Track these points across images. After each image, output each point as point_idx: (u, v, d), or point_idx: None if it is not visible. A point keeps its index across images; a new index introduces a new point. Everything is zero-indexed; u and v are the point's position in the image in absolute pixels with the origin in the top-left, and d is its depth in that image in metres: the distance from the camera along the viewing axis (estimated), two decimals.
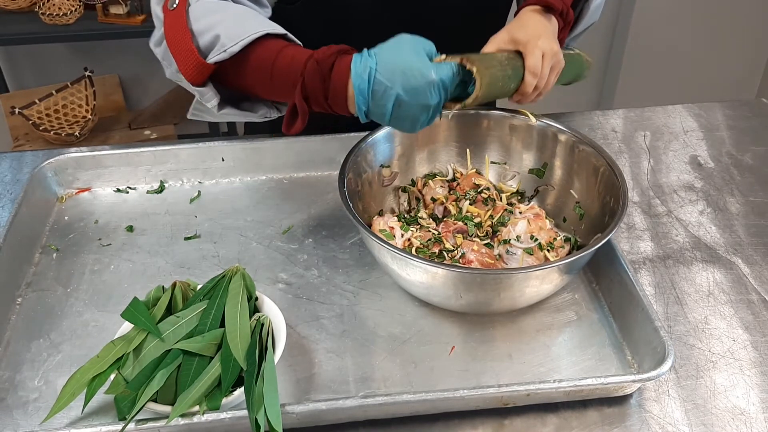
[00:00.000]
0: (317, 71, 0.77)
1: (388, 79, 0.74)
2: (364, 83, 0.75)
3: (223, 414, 0.68)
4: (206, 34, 0.84)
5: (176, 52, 0.85)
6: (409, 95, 0.74)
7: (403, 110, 0.76)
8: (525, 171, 1.02)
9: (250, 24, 0.84)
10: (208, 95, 0.87)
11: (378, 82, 0.74)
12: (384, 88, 0.74)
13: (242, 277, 0.78)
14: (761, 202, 1.07)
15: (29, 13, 2.23)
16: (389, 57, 0.75)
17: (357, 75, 0.75)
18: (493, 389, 0.71)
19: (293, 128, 0.81)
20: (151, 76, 2.60)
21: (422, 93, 0.74)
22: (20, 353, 0.82)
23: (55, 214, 1.04)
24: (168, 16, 0.87)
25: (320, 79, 0.77)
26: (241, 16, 0.86)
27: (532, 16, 0.90)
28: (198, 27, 0.84)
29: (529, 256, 0.87)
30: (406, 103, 0.75)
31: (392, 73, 0.74)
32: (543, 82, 0.88)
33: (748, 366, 0.80)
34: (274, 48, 0.82)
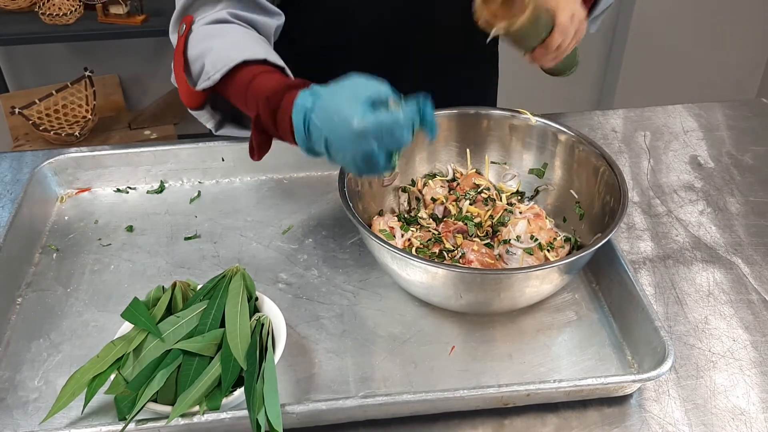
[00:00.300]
0: (268, 107, 0.77)
1: (321, 121, 0.72)
2: (300, 122, 0.73)
3: (223, 414, 0.68)
4: (197, 62, 0.87)
5: (176, 78, 0.90)
6: (336, 140, 0.71)
7: (337, 154, 0.73)
8: (525, 171, 1.02)
9: (233, 51, 0.84)
10: (205, 118, 0.92)
11: (312, 123, 0.72)
12: (316, 130, 0.72)
13: (242, 277, 0.78)
14: (761, 202, 1.07)
15: (29, 13, 2.24)
16: (326, 99, 0.72)
17: (296, 113, 0.74)
18: (493, 389, 0.71)
19: (255, 156, 0.83)
20: (151, 76, 2.60)
21: (348, 140, 0.70)
22: (20, 353, 0.82)
23: (55, 214, 1.04)
24: (177, 42, 0.91)
25: (270, 113, 0.77)
26: (228, 44, 0.87)
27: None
28: (191, 54, 0.88)
29: (529, 256, 0.87)
30: (336, 147, 0.72)
31: (324, 116, 0.72)
32: (565, 43, 0.89)
33: (748, 366, 0.80)
34: (248, 76, 0.83)
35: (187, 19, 0.91)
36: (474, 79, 1.22)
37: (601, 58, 2.76)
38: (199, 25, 0.91)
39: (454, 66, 1.15)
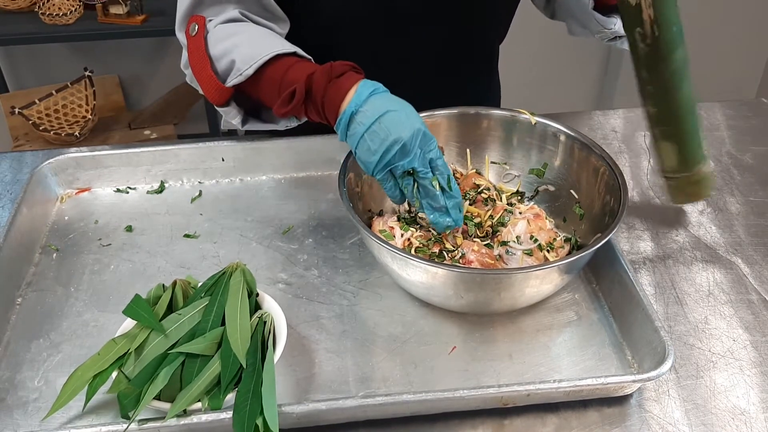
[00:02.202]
0: (328, 71, 0.82)
1: (387, 100, 0.80)
2: (365, 91, 0.80)
3: (223, 414, 0.68)
4: (223, 59, 0.89)
5: (199, 77, 0.91)
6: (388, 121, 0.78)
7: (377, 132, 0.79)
8: (525, 171, 1.02)
9: (262, 46, 0.87)
10: (232, 113, 0.93)
11: (378, 96, 0.80)
12: (379, 104, 0.79)
13: (242, 273, 0.78)
14: (761, 202, 1.07)
15: (29, 13, 2.24)
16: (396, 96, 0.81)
17: (363, 85, 0.80)
18: (493, 389, 0.71)
19: (282, 109, 0.84)
20: (151, 76, 2.60)
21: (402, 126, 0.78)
22: (20, 353, 0.82)
23: (55, 214, 1.04)
24: (190, 42, 0.92)
25: (327, 77, 0.81)
26: (255, 39, 0.90)
27: None
28: (215, 52, 0.89)
29: (529, 257, 0.87)
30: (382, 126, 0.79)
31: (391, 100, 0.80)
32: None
33: (748, 366, 0.80)
34: (283, 66, 0.86)
35: (198, 19, 0.92)
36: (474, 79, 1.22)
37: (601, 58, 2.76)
38: (215, 24, 0.92)
39: (455, 69, 1.15)
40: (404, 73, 1.10)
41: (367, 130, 0.79)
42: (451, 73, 1.15)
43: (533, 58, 2.63)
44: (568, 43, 1.69)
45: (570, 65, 2.75)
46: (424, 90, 1.13)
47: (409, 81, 1.11)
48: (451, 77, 1.16)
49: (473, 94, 1.20)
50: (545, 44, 2.57)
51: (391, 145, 0.78)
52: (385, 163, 0.80)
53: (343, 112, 0.80)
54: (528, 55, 2.57)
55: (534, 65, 2.65)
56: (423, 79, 1.13)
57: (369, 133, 0.79)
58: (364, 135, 0.79)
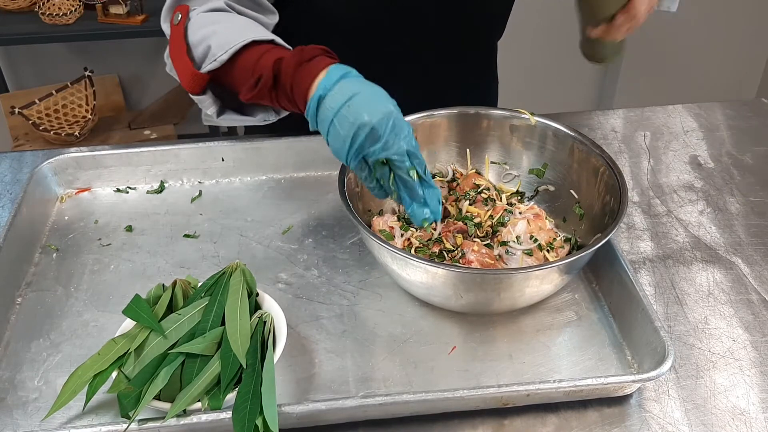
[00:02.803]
0: (298, 55, 0.78)
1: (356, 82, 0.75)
2: (337, 74, 0.75)
3: (223, 414, 0.68)
4: (200, 46, 0.86)
5: (176, 64, 0.89)
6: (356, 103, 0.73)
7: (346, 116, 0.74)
8: (525, 171, 1.02)
9: (239, 33, 0.85)
10: (206, 103, 0.89)
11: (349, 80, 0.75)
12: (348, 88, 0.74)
13: (242, 273, 0.78)
14: (761, 202, 1.07)
15: (29, 13, 2.24)
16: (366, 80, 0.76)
17: (334, 69, 0.76)
18: (493, 389, 0.71)
19: (247, 95, 0.82)
20: (151, 76, 2.60)
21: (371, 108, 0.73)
22: (20, 353, 0.82)
23: (55, 214, 1.04)
24: (172, 31, 0.90)
25: (297, 61, 0.77)
26: (233, 27, 0.88)
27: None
28: (194, 39, 0.87)
29: (529, 257, 0.87)
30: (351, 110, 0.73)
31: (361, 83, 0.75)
32: (640, 14, 0.89)
33: (748, 366, 0.80)
34: (258, 52, 0.83)
35: (182, 8, 0.90)
36: (473, 79, 1.22)
37: None
38: (198, 13, 0.90)
39: (453, 66, 1.15)
40: (402, 68, 1.10)
41: (336, 114, 0.73)
42: (449, 69, 1.15)
43: (533, 59, 2.63)
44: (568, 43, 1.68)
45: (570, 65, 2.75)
46: (422, 86, 1.13)
47: (406, 77, 1.12)
48: (448, 73, 1.16)
49: (471, 89, 1.20)
50: (545, 45, 2.57)
51: (359, 129, 0.72)
52: (356, 149, 0.73)
53: (311, 97, 0.75)
54: (528, 55, 2.57)
55: (534, 65, 2.65)
56: (420, 75, 1.13)
57: (338, 118, 0.73)
58: (333, 120, 0.73)
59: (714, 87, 2.76)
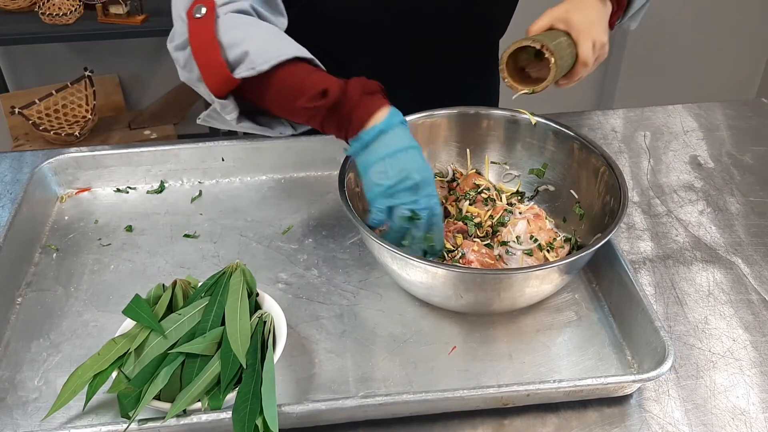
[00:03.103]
0: (362, 84, 0.81)
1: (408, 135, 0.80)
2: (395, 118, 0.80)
3: (223, 414, 0.68)
4: (235, 49, 0.83)
5: (202, 62, 0.85)
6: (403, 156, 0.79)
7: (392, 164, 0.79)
8: (525, 171, 1.02)
9: (279, 45, 0.84)
10: (229, 108, 0.86)
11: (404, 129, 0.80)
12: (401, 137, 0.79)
13: (242, 273, 0.78)
14: (761, 202, 1.07)
15: (29, 13, 2.23)
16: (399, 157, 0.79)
17: (395, 111, 0.80)
18: (493, 389, 0.71)
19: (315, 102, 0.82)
20: (151, 76, 2.60)
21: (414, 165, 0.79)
22: (20, 353, 0.82)
23: (55, 214, 1.04)
24: (194, 24, 0.86)
25: (362, 90, 0.80)
26: (270, 36, 0.86)
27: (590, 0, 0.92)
28: (227, 40, 0.84)
29: (529, 257, 0.87)
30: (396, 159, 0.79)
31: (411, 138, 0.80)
32: (587, 72, 0.92)
33: (748, 366, 0.80)
34: (302, 71, 0.83)
35: (207, 3, 0.86)
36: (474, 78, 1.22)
37: None
38: (225, 11, 0.87)
39: (455, 66, 1.15)
40: (403, 68, 1.10)
41: (391, 155, 0.78)
42: (451, 68, 1.15)
43: None
44: None
45: None
46: (424, 83, 1.13)
47: (408, 75, 1.12)
48: (450, 73, 1.16)
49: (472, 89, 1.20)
50: None
51: (406, 178, 0.78)
52: (392, 191, 0.79)
53: (372, 126, 0.79)
54: None
55: None
56: (421, 75, 1.13)
57: (391, 158, 0.78)
58: (385, 158, 0.78)
59: (714, 87, 2.76)
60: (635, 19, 1.07)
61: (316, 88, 0.81)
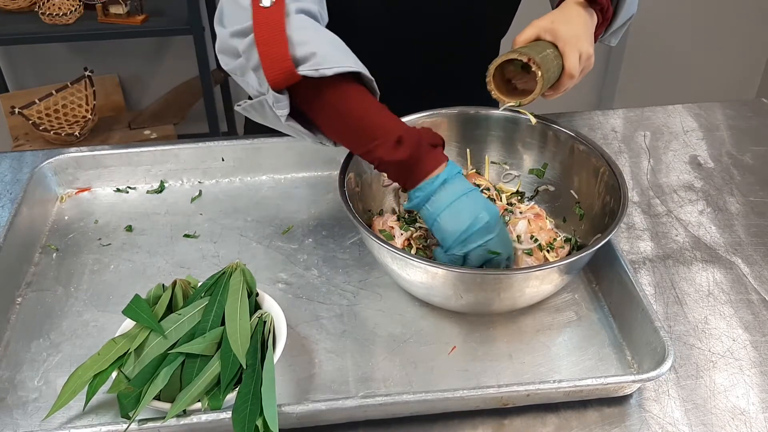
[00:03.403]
0: (431, 136, 0.82)
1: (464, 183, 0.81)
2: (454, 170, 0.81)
3: (223, 414, 0.68)
4: (303, 47, 0.82)
5: (266, 53, 0.82)
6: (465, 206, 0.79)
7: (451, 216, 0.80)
8: (525, 171, 1.02)
9: (345, 55, 0.84)
10: (284, 103, 0.84)
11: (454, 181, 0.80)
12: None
13: (242, 273, 0.78)
14: (761, 202, 1.07)
15: (29, 13, 2.23)
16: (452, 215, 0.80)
17: (452, 165, 0.81)
18: (493, 389, 0.71)
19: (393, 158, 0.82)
20: (151, 76, 2.60)
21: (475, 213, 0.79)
22: (20, 353, 0.82)
23: (55, 214, 1.04)
24: (260, 13, 0.84)
25: (429, 143, 0.81)
26: (337, 44, 0.86)
27: (576, 10, 0.92)
28: (296, 37, 0.82)
29: (529, 257, 0.87)
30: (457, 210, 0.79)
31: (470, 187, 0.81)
32: (573, 84, 0.91)
33: (748, 366, 0.80)
34: (362, 103, 0.83)
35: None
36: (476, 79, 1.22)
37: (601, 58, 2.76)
38: (295, 9, 0.85)
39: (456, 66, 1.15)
40: (405, 67, 1.10)
41: (458, 199, 0.79)
42: (453, 68, 1.15)
43: None
44: None
45: None
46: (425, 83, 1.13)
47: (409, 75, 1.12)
48: (452, 72, 1.16)
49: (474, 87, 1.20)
50: None
51: (477, 220, 0.79)
52: (467, 236, 0.79)
53: (436, 176, 0.80)
54: None
55: None
56: (424, 74, 1.13)
57: (459, 203, 0.79)
58: (453, 204, 0.79)
59: (714, 87, 2.76)
60: (616, 36, 1.07)
61: (391, 134, 0.80)
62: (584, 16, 0.92)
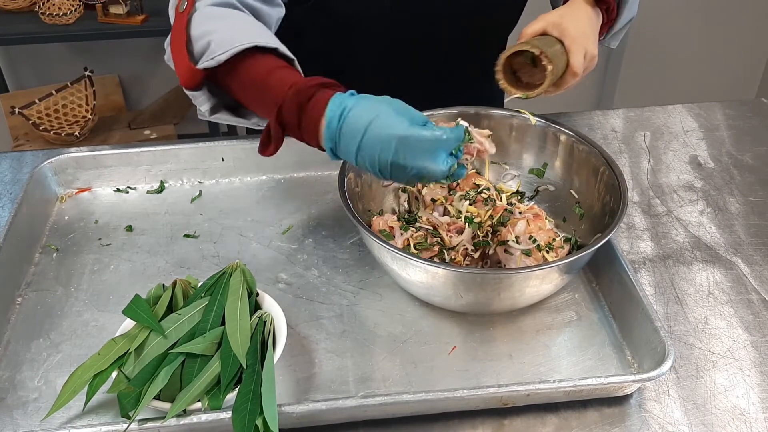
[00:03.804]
0: (295, 99, 0.75)
1: (360, 120, 0.71)
2: (335, 120, 0.73)
3: (223, 414, 0.68)
4: (201, 40, 0.83)
5: (175, 55, 0.86)
6: (367, 145, 0.71)
7: (365, 158, 0.73)
8: (525, 171, 1.02)
9: (242, 34, 0.82)
10: (201, 99, 0.86)
11: (348, 122, 0.72)
12: (351, 131, 0.72)
13: (242, 273, 0.78)
14: (761, 202, 1.07)
15: (29, 13, 2.23)
16: (367, 104, 0.72)
17: (331, 110, 0.73)
18: (493, 389, 0.71)
19: (267, 151, 0.80)
20: (151, 76, 2.60)
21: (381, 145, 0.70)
22: (20, 353, 0.82)
23: (55, 214, 1.04)
24: (176, 19, 0.87)
25: (297, 107, 0.75)
26: (237, 26, 0.85)
27: (584, 9, 0.92)
28: (196, 32, 0.84)
29: (527, 257, 0.87)
30: (364, 152, 0.72)
31: (361, 118, 0.72)
32: (576, 82, 0.91)
33: (748, 366, 0.80)
34: (265, 67, 0.81)
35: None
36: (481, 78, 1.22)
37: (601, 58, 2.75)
38: (204, 4, 0.87)
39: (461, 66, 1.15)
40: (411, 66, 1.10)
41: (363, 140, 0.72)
42: (458, 68, 1.15)
43: None
44: None
45: None
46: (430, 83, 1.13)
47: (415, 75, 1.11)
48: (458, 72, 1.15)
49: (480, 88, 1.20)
50: None
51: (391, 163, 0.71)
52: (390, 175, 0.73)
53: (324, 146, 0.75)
54: None
55: None
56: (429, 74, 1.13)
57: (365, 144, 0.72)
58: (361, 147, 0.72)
59: (714, 87, 2.76)
60: (616, 39, 1.07)
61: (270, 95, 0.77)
62: (591, 15, 0.92)
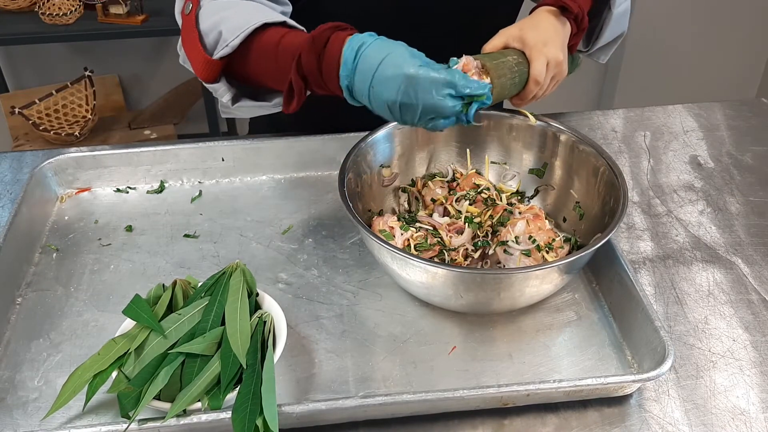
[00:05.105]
0: (312, 47, 0.78)
1: (371, 59, 0.75)
2: (351, 57, 0.76)
3: (223, 414, 0.68)
4: (211, 33, 0.86)
5: (190, 54, 0.88)
6: (378, 82, 0.74)
7: (376, 96, 0.76)
8: (525, 171, 1.02)
9: (250, 17, 0.85)
10: (221, 90, 0.89)
11: (363, 59, 0.75)
12: (365, 68, 0.75)
13: (242, 273, 0.78)
14: (761, 202, 1.07)
15: (29, 13, 2.23)
16: (383, 43, 0.76)
17: (349, 47, 0.76)
18: (493, 389, 0.71)
19: (290, 107, 0.82)
20: (151, 76, 2.60)
21: (389, 83, 0.74)
22: (20, 353, 0.82)
23: (55, 214, 1.04)
24: (184, 21, 0.90)
25: (315, 54, 0.78)
26: (243, 11, 0.87)
27: (546, 18, 0.90)
28: (205, 27, 0.87)
29: (527, 258, 0.87)
30: (375, 90, 0.75)
31: (375, 56, 0.75)
32: (542, 91, 0.89)
33: (748, 366, 0.80)
34: (276, 36, 0.84)
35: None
36: None
37: None
38: (209, 1, 0.89)
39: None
40: None
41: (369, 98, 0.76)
42: None
43: None
44: None
45: None
46: None
47: None
48: None
49: None
50: None
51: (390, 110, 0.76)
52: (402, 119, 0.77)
53: (342, 86, 0.78)
54: None
55: None
56: None
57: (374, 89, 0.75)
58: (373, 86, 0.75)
59: (714, 87, 2.76)
60: (605, 53, 1.06)
61: (284, 56, 0.80)
62: (555, 23, 0.90)
